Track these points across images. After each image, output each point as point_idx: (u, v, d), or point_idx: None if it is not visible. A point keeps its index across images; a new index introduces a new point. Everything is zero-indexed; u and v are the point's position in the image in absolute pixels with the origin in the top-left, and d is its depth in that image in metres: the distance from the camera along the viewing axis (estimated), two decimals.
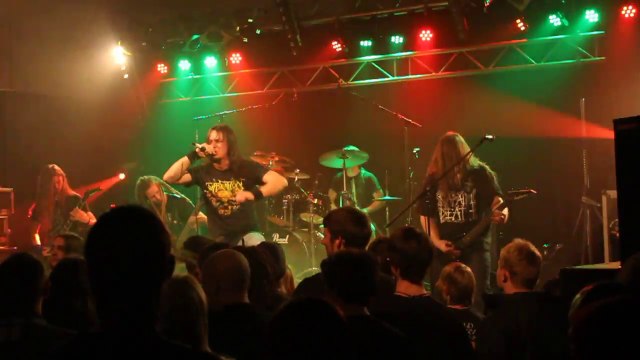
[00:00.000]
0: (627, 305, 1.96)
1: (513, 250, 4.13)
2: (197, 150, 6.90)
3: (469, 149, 6.72)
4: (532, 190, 6.64)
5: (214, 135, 6.97)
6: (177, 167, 6.97)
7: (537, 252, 4.22)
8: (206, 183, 7.04)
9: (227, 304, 3.45)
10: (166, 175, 7.12)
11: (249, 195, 6.92)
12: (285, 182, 7.32)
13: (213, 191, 7.01)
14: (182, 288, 2.72)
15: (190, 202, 8.43)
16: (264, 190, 7.02)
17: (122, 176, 9.70)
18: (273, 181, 7.07)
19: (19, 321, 3.23)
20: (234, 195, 6.96)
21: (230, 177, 7.00)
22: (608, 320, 1.92)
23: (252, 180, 7.03)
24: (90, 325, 2.04)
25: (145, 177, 8.39)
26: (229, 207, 7.00)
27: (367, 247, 4.50)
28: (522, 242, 4.20)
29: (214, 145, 6.93)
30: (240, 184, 6.98)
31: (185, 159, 6.97)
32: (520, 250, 4.13)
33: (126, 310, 1.95)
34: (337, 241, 4.55)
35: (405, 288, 3.87)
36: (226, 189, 6.99)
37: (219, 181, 7.01)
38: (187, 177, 7.03)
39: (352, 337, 2.13)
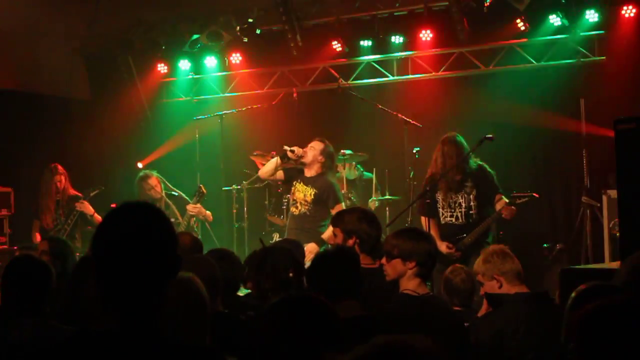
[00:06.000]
0: (627, 304, 1.97)
1: (489, 257, 4.20)
2: (288, 152, 7.34)
3: (469, 149, 6.73)
4: (534, 194, 6.63)
5: (313, 142, 7.43)
6: (271, 164, 7.51)
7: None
8: (294, 182, 7.44)
9: None
10: (260, 172, 7.73)
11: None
12: None
13: (293, 189, 7.42)
14: (186, 287, 2.72)
15: (189, 199, 8.43)
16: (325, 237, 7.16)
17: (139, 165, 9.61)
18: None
19: (30, 322, 3.19)
20: (305, 199, 7.26)
21: (308, 184, 7.32)
22: (608, 319, 1.93)
23: (323, 199, 7.22)
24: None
25: (147, 170, 8.62)
26: (299, 207, 7.31)
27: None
28: (489, 249, 4.32)
29: (305, 150, 7.35)
30: (312, 193, 7.24)
31: (277, 159, 7.47)
32: (493, 252, 4.23)
33: (128, 307, 1.92)
34: (351, 241, 4.58)
35: (415, 286, 3.90)
36: (299, 191, 7.33)
37: (301, 183, 7.37)
38: (280, 174, 7.48)
39: (345, 332, 2.14)
